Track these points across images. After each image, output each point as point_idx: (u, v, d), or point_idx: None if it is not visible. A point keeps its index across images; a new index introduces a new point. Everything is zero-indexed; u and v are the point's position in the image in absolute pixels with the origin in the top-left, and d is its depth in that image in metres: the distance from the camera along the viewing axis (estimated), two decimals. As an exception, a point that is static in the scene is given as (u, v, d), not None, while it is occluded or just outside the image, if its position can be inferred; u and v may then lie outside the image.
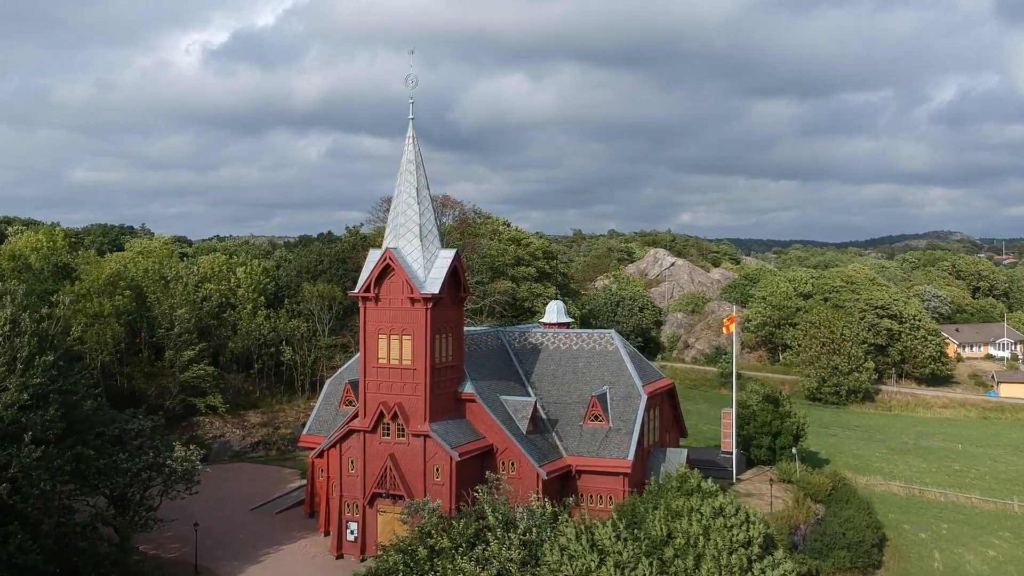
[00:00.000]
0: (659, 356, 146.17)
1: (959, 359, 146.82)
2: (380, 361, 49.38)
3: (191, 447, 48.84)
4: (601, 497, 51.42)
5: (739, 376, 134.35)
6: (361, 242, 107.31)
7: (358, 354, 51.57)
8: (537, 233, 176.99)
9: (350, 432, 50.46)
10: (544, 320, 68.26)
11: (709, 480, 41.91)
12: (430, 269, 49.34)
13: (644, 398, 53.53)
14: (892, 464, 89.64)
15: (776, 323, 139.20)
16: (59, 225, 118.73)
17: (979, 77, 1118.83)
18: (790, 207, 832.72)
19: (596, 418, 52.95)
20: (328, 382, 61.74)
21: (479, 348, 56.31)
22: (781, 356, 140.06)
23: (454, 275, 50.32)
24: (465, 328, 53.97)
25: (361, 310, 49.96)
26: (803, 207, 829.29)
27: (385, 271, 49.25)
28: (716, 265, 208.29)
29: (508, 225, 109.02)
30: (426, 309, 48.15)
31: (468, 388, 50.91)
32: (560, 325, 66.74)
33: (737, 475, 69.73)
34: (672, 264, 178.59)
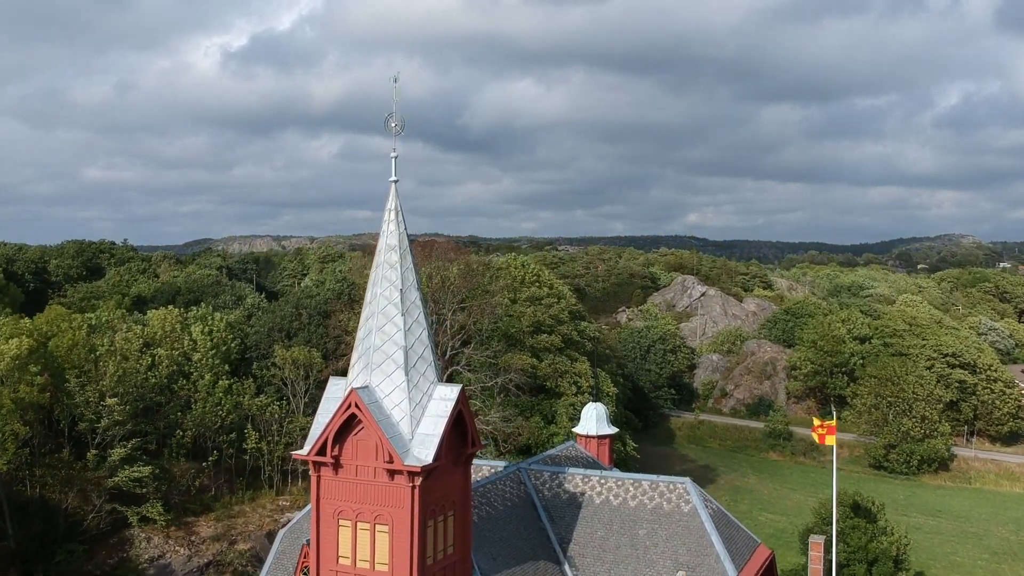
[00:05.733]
0: (694, 406, 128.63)
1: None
2: (341, 562, 31.73)
3: None
4: None
5: (789, 436, 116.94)
6: (348, 290, 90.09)
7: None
8: (555, 266, 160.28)
9: (296, 666, 33.04)
10: (579, 430, 50.50)
11: None
12: (419, 419, 31.65)
13: (739, 594, 35.97)
14: (1003, 579, 72.20)
15: (828, 371, 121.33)
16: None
17: (982, 82, 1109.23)
18: (797, 208, 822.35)
19: (668, 626, 35.42)
20: (281, 535, 43.83)
21: (493, 506, 38.70)
22: (836, 412, 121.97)
23: (458, 423, 32.74)
24: (472, 464, 36.31)
25: (313, 481, 32.32)
26: (810, 209, 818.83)
27: (350, 423, 31.73)
28: (747, 290, 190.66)
29: (525, 267, 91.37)
30: (412, 487, 30.62)
31: (478, 594, 33.39)
32: (600, 439, 49.06)
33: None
34: (703, 294, 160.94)
